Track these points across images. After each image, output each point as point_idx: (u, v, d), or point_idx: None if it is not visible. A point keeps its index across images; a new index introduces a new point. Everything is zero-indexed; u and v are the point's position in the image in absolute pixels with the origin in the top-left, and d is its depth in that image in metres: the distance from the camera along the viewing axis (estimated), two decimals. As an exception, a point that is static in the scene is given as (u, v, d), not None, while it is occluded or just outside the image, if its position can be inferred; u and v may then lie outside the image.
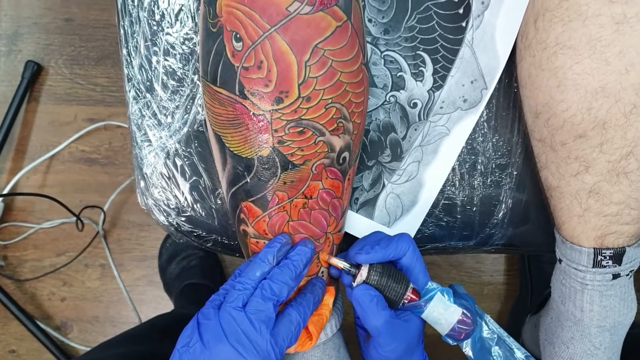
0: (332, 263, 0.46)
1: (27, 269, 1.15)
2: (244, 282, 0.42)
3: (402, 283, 0.44)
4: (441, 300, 0.45)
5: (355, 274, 0.45)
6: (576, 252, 0.47)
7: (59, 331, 1.14)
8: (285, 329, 0.41)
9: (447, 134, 0.52)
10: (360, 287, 0.44)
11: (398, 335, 0.44)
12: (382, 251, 0.44)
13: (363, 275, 0.44)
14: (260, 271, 0.42)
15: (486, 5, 0.48)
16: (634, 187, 0.43)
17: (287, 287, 0.42)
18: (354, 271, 0.45)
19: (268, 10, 0.37)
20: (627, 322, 0.48)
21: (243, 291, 0.41)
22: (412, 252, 0.45)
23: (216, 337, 0.39)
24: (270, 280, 0.42)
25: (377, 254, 0.44)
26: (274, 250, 0.43)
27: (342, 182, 0.44)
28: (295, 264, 0.43)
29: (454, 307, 0.45)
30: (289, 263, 0.43)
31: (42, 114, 1.14)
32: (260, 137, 0.40)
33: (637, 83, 0.40)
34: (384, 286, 0.44)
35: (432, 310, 0.45)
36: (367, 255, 0.44)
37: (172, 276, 1.09)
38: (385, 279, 0.44)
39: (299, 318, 0.42)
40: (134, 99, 0.54)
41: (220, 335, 0.39)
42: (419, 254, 0.46)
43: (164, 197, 0.55)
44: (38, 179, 1.15)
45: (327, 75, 0.39)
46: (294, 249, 0.44)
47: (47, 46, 1.13)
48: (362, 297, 0.44)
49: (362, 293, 0.44)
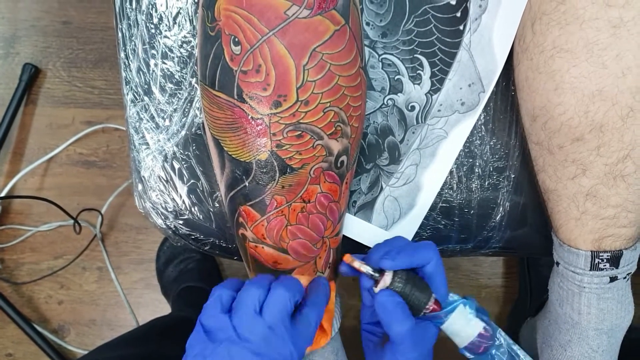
0: (356, 267, 0.45)
1: (24, 272, 1.15)
2: (257, 282, 0.42)
3: (425, 292, 0.43)
4: (463, 312, 0.44)
5: (378, 279, 0.44)
6: (573, 255, 0.47)
7: (56, 334, 1.14)
8: (304, 330, 0.41)
9: (444, 137, 0.52)
10: (385, 293, 0.43)
11: (419, 343, 0.43)
12: (408, 258, 0.44)
13: (387, 281, 0.43)
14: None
15: (484, 9, 0.48)
16: (631, 190, 0.44)
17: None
18: (377, 276, 0.44)
19: (266, 14, 0.37)
20: (625, 324, 0.48)
21: (258, 295, 0.41)
22: (436, 261, 0.44)
23: (235, 346, 0.38)
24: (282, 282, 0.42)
25: (404, 261, 0.43)
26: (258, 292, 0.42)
27: (339, 185, 0.44)
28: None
29: (475, 320, 0.44)
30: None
31: (39, 117, 1.14)
32: (258, 141, 0.40)
33: (634, 86, 0.40)
34: (407, 294, 0.43)
35: (453, 322, 0.44)
36: (393, 262, 0.43)
37: (170, 279, 1.09)
38: (409, 286, 0.43)
39: (316, 318, 0.42)
40: (131, 102, 0.54)
41: (238, 344, 0.38)
42: (441, 264, 0.45)
43: (162, 200, 0.55)
44: (36, 182, 1.14)
45: (325, 79, 0.39)
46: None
47: (45, 49, 1.13)
48: (387, 302, 0.43)
49: (387, 299, 0.43)
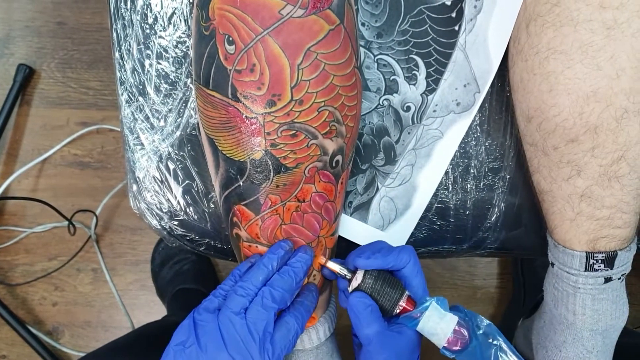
0: (328, 267, 0.45)
1: (19, 274, 1.15)
2: (246, 287, 0.41)
3: (397, 289, 0.44)
4: (436, 309, 0.44)
5: (350, 279, 0.44)
6: (568, 256, 0.47)
7: (50, 336, 1.13)
8: (283, 337, 0.41)
9: (440, 137, 0.52)
10: (356, 295, 0.44)
11: (389, 345, 0.43)
12: (381, 258, 0.44)
13: (358, 279, 0.44)
14: (263, 277, 0.42)
15: (479, 9, 0.48)
16: (625, 191, 0.44)
17: (288, 295, 0.42)
18: (350, 275, 0.45)
19: (261, 14, 0.37)
20: (619, 325, 0.48)
21: (245, 297, 0.41)
22: (413, 265, 0.45)
23: (215, 343, 0.39)
24: (271, 287, 0.41)
25: (376, 261, 0.44)
26: (278, 256, 0.42)
27: (335, 185, 0.44)
28: (296, 271, 0.42)
29: (449, 315, 0.44)
30: (290, 270, 0.42)
31: (34, 118, 1.13)
32: (252, 140, 0.40)
33: (628, 88, 0.40)
34: (378, 291, 0.44)
35: (427, 321, 0.44)
36: (366, 261, 0.44)
37: (165, 280, 1.08)
38: (379, 283, 0.44)
39: (296, 326, 0.42)
40: (126, 103, 0.54)
41: (219, 342, 0.39)
42: (419, 268, 0.45)
43: (157, 200, 0.55)
44: (30, 183, 1.14)
45: (319, 78, 0.39)
46: (295, 256, 0.43)
47: (39, 49, 1.12)
48: (356, 305, 0.43)
49: (356, 301, 0.43)
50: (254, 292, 0.41)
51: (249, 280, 0.42)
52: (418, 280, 0.45)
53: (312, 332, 0.48)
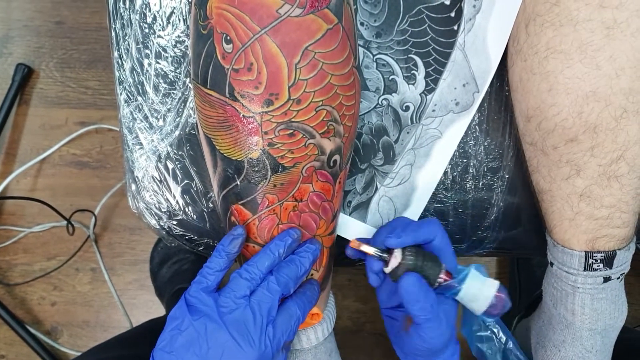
0: (363, 250, 0.45)
1: (17, 273, 1.14)
2: (251, 271, 0.41)
3: (436, 262, 0.44)
4: (476, 276, 0.44)
5: (387, 259, 0.44)
6: (567, 256, 0.47)
7: (49, 336, 1.13)
8: (285, 323, 0.41)
9: (439, 137, 0.52)
10: (406, 274, 0.43)
11: (442, 319, 0.43)
12: (413, 234, 0.44)
13: (398, 258, 0.43)
14: (269, 262, 0.42)
15: (478, 9, 0.48)
16: (624, 190, 0.44)
17: (293, 283, 0.42)
18: (386, 257, 0.44)
19: (258, 13, 0.37)
20: (618, 325, 0.48)
21: (250, 281, 0.40)
22: (442, 235, 0.45)
23: (214, 323, 0.39)
24: (277, 273, 0.41)
25: (409, 237, 0.44)
26: (285, 244, 0.42)
27: (332, 185, 0.44)
28: (303, 261, 0.42)
29: (490, 280, 0.44)
30: (297, 259, 0.42)
31: (32, 117, 1.13)
32: (250, 140, 0.40)
33: (628, 87, 0.40)
34: (420, 267, 0.43)
35: (469, 287, 0.44)
36: (399, 240, 0.43)
37: (164, 280, 1.08)
38: (421, 259, 0.43)
39: (299, 313, 0.42)
40: (125, 102, 0.54)
41: (218, 322, 0.39)
42: (447, 237, 0.45)
43: (156, 200, 0.55)
44: (28, 183, 1.14)
45: (317, 78, 0.39)
46: (302, 246, 0.43)
47: (38, 49, 1.12)
48: (410, 284, 0.42)
49: (409, 280, 0.42)
50: (260, 277, 0.41)
51: (254, 265, 0.41)
52: (448, 250, 0.45)
53: (311, 331, 0.48)
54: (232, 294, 0.40)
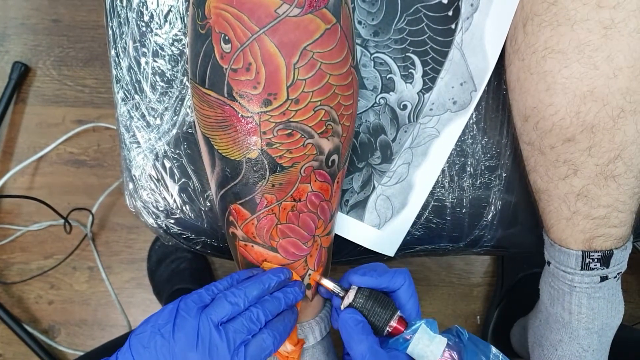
0: (322, 284, 0.46)
1: (14, 272, 1.14)
2: (237, 294, 0.40)
3: (388, 309, 0.44)
4: (426, 331, 0.44)
5: (343, 296, 0.45)
6: (564, 255, 0.47)
7: (46, 335, 1.13)
8: (256, 354, 0.40)
9: (436, 135, 0.52)
10: (347, 311, 0.44)
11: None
12: (376, 277, 0.44)
13: (350, 297, 0.44)
14: (257, 292, 0.41)
15: (475, 8, 0.48)
16: (621, 190, 0.44)
17: (271, 318, 0.41)
18: (343, 293, 0.45)
19: (257, 13, 0.37)
20: (615, 324, 0.49)
21: (234, 306, 0.40)
22: (407, 287, 0.45)
23: (188, 338, 0.38)
24: (262, 307, 0.41)
25: (370, 279, 0.44)
26: (277, 280, 0.42)
27: (331, 185, 0.44)
28: (287, 301, 0.42)
29: (439, 337, 0.43)
30: (282, 298, 0.42)
31: (29, 116, 1.13)
32: (248, 139, 0.40)
33: (625, 87, 0.40)
34: (369, 310, 0.44)
35: (417, 342, 0.43)
36: (360, 278, 0.44)
37: (162, 279, 1.08)
38: (371, 302, 0.44)
39: (272, 346, 0.41)
40: (122, 101, 0.53)
41: (193, 338, 0.38)
42: (414, 291, 0.45)
43: (153, 199, 0.55)
44: (25, 181, 1.13)
45: (315, 78, 0.39)
46: (291, 286, 0.44)
47: (35, 47, 1.12)
48: (347, 320, 0.43)
49: (347, 317, 0.43)
50: (243, 304, 0.40)
51: (243, 289, 0.41)
52: (412, 302, 0.45)
53: (309, 332, 0.48)
54: (213, 315, 0.39)
